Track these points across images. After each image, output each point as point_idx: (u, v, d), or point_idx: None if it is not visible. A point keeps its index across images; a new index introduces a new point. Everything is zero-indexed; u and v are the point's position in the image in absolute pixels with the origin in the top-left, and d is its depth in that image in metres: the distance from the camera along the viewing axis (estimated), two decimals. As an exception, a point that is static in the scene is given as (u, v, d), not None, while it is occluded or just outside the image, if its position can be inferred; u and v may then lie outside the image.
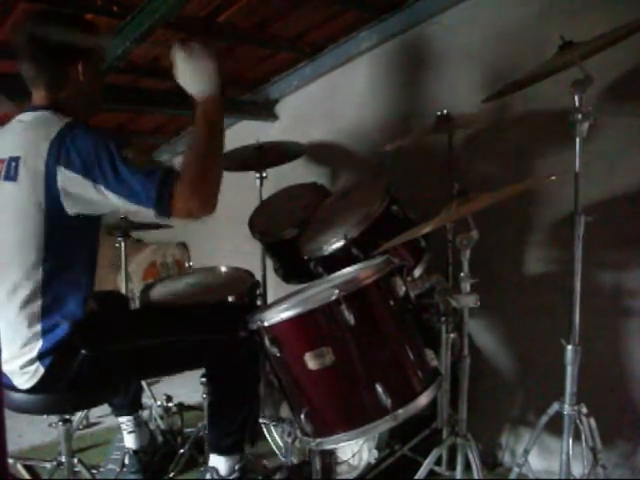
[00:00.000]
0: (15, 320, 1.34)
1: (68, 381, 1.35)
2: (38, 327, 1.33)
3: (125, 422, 1.98)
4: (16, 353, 1.34)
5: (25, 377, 1.35)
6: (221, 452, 1.60)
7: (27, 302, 1.33)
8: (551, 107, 1.75)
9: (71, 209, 1.30)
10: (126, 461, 1.96)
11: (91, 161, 1.26)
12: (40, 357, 1.33)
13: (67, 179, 1.27)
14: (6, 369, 1.36)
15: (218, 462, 1.60)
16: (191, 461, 2.00)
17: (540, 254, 1.88)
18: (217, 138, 1.36)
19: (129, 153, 1.28)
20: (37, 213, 1.30)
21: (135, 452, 1.98)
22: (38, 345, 1.33)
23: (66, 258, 1.36)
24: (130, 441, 1.99)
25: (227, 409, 1.60)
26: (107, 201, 1.30)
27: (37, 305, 1.33)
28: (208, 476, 1.61)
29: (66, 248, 1.35)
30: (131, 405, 1.97)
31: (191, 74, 1.35)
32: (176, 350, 1.50)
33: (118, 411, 1.98)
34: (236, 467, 1.60)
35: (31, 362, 1.34)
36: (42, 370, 1.34)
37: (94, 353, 1.36)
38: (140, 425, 2.02)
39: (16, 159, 1.32)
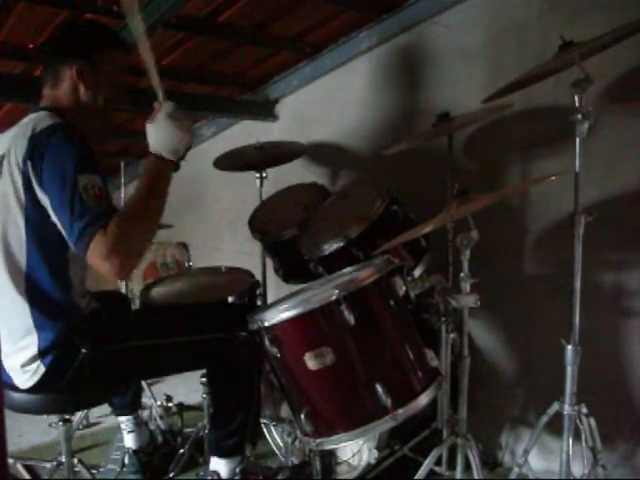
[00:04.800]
0: (8, 315, 1.35)
1: (68, 380, 1.35)
2: (30, 322, 1.33)
3: (125, 422, 1.98)
4: (14, 349, 1.34)
5: (26, 376, 1.35)
6: (222, 455, 1.60)
7: (16, 298, 1.33)
8: (551, 107, 1.75)
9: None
10: (126, 461, 1.97)
11: (49, 172, 1.25)
12: (41, 355, 1.33)
13: (34, 176, 1.26)
14: (7, 366, 1.36)
15: (219, 465, 1.59)
16: (191, 461, 2.00)
17: (540, 254, 1.88)
18: (159, 206, 1.34)
19: (89, 178, 1.24)
20: (18, 208, 1.30)
21: (135, 452, 1.98)
22: (35, 342, 1.33)
23: (47, 253, 1.34)
24: (130, 441, 1.99)
25: (227, 410, 1.60)
26: (50, 214, 1.28)
27: (25, 301, 1.33)
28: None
29: (45, 243, 1.34)
30: (131, 405, 1.97)
31: (172, 132, 1.33)
32: (176, 350, 1.50)
33: (118, 411, 1.99)
34: (237, 470, 1.60)
35: (32, 360, 1.34)
36: (43, 369, 1.34)
37: (94, 352, 1.36)
38: (140, 425, 2.02)
39: (2, 157, 1.34)
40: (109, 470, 1.97)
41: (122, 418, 1.99)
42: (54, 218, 1.27)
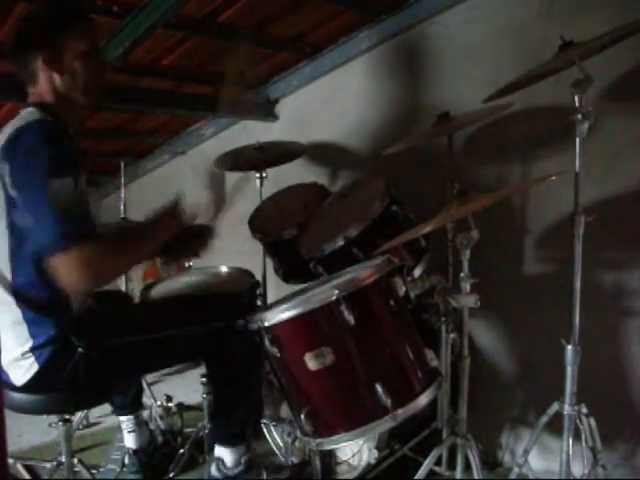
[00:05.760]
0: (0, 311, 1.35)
1: (66, 379, 1.35)
2: (20, 317, 1.33)
3: (125, 421, 1.98)
4: (9, 344, 1.34)
5: (21, 370, 1.35)
6: (226, 443, 1.60)
7: (2, 294, 1.34)
8: (551, 107, 1.75)
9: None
10: (126, 461, 1.96)
11: (21, 172, 1.24)
12: (33, 350, 1.33)
13: (9, 176, 1.25)
14: (3, 361, 1.35)
15: (223, 453, 1.60)
16: (191, 461, 2.00)
17: (540, 254, 1.88)
18: (144, 257, 1.46)
19: (63, 183, 1.22)
20: (2, 203, 1.29)
21: (135, 452, 1.98)
22: (27, 337, 1.33)
23: (27, 250, 1.31)
24: (130, 441, 1.99)
25: (230, 399, 1.60)
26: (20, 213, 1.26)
27: (12, 297, 1.33)
28: (213, 467, 1.61)
29: (26, 241, 1.31)
30: (132, 404, 1.97)
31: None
32: (174, 343, 1.50)
33: (119, 410, 1.98)
34: (242, 460, 1.60)
35: (25, 355, 1.34)
36: (37, 366, 1.34)
37: (91, 351, 1.36)
38: (140, 425, 2.02)
39: None
40: (109, 470, 1.97)
41: (123, 418, 1.98)
42: (22, 218, 1.25)
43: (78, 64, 1.42)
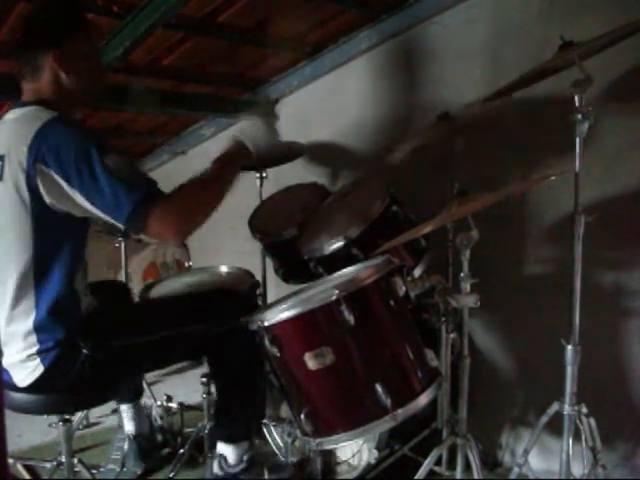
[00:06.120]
0: (12, 313, 1.35)
1: (69, 381, 1.35)
2: (32, 322, 1.33)
3: (126, 409, 1.99)
4: (16, 347, 1.34)
5: (25, 372, 1.35)
6: (229, 440, 1.60)
7: (19, 300, 1.33)
8: (551, 107, 1.75)
9: (53, 206, 1.29)
10: (126, 447, 1.97)
11: (68, 161, 1.24)
12: (40, 353, 1.33)
13: (45, 176, 1.26)
14: (6, 362, 1.36)
15: (226, 451, 1.60)
16: (191, 461, 2.00)
17: (540, 254, 1.88)
18: (225, 185, 1.45)
19: (111, 158, 1.26)
20: (23, 211, 1.29)
21: (135, 437, 1.98)
22: (35, 342, 1.33)
23: (53, 255, 1.34)
24: (130, 427, 1.99)
25: (234, 397, 1.61)
26: (81, 204, 1.28)
27: (30, 304, 1.33)
28: (215, 464, 1.61)
29: (53, 245, 1.34)
30: (132, 392, 1.98)
31: (262, 135, 1.57)
32: (178, 341, 1.50)
33: (120, 399, 1.99)
34: (244, 457, 1.60)
35: (31, 357, 1.34)
36: (42, 368, 1.34)
37: (96, 352, 1.36)
38: (140, 411, 2.03)
39: (1, 157, 1.32)
40: (109, 470, 1.97)
41: (123, 406, 1.99)
42: (92, 208, 1.27)
43: (84, 64, 1.45)
